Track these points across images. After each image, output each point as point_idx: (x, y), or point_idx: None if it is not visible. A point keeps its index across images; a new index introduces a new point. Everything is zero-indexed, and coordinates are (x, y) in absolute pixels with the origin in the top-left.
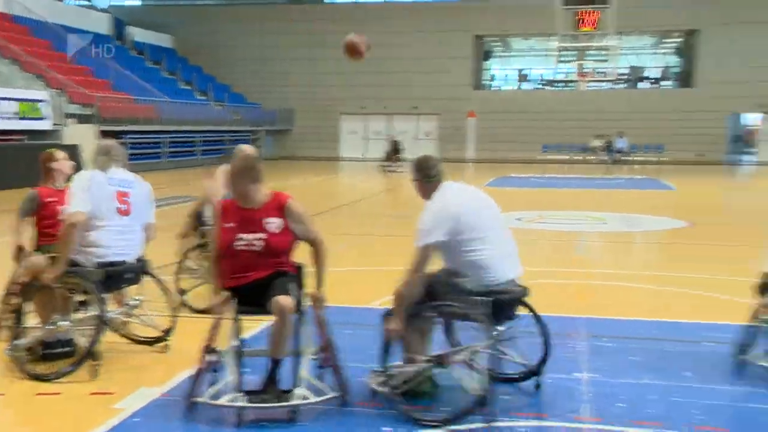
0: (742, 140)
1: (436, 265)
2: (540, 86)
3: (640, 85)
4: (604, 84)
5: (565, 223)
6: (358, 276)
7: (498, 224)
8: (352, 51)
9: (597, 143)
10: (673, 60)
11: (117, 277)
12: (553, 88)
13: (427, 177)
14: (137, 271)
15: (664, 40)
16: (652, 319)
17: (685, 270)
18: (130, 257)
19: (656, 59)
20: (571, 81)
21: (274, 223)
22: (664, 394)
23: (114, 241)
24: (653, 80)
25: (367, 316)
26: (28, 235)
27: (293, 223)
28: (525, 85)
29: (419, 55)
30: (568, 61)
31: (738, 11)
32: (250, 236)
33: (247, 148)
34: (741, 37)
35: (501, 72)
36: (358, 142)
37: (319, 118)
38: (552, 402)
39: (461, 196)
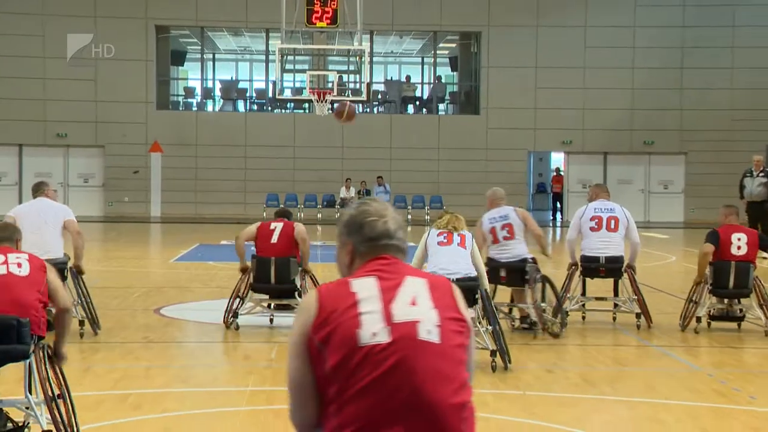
0: (550, 190)
1: None
2: (260, 106)
3: (407, 109)
4: (353, 106)
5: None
6: None
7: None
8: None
9: (347, 194)
10: (448, 74)
11: None
12: (280, 111)
13: None
14: None
15: (438, 45)
16: None
17: None
18: None
19: (427, 73)
20: (305, 100)
21: None
22: None
23: None
24: (423, 102)
25: None
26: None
27: None
28: (238, 105)
29: (64, 54)
30: (301, 71)
31: (526, 12)
32: None
33: None
34: (529, 45)
35: (200, 83)
36: None
37: None
38: None
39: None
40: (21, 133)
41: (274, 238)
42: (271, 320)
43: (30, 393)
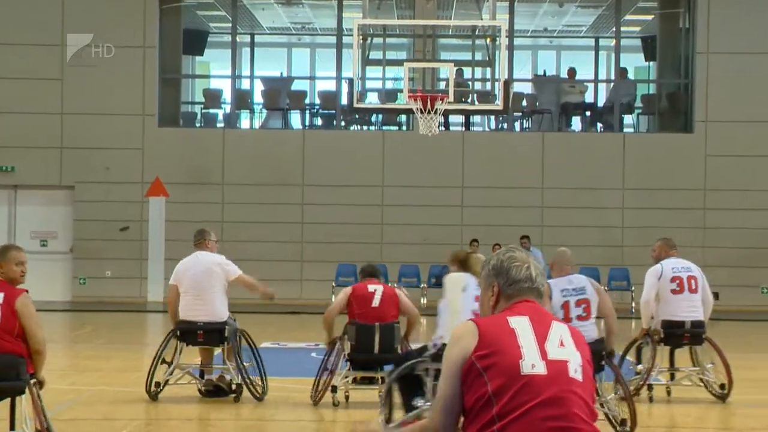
0: None
1: None
2: (327, 121)
3: (571, 123)
4: (480, 120)
5: None
6: None
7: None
8: None
9: None
10: (641, 65)
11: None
12: (360, 129)
13: None
14: None
15: (622, 18)
16: None
17: None
18: None
19: (604, 63)
20: (402, 110)
21: None
22: None
23: None
24: (597, 112)
25: None
26: None
27: None
28: (291, 118)
29: (10, 38)
30: (395, 62)
31: None
32: None
33: None
34: None
35: (230, 83)
36: None
37: None
38: None
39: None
40: None
41: (376, 302)
42: (347, 397)
43: (13, 429)
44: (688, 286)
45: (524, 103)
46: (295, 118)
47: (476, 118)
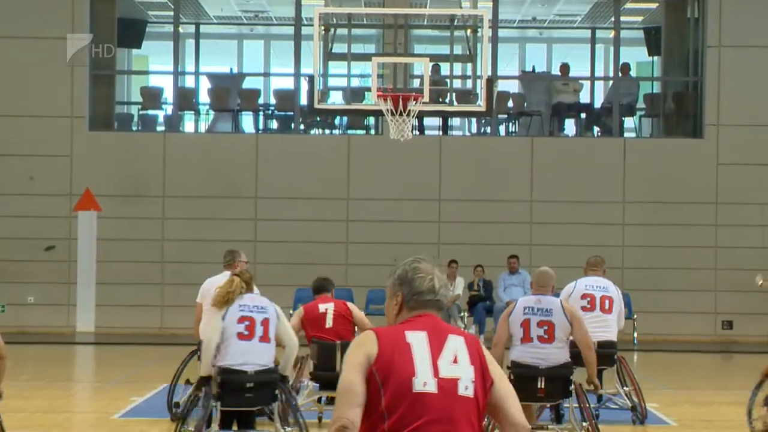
0: None
1: None
2: (284, 124)
3: (563, 126)
4: (459, 123)
5: None
6: None
7: None
8: None
9: (451, 289)
10: (643, 61)
11: None
12: (321, 133)
13: None
14: None
15: (622, 8)
16: None
17: None
18: None
19: (601, 59)
20: (369, 111)
21: None
22: None
23: None
24: (594, 114)
25: None
26: None
27: None
28: (243, 121)
29: None
30: (361, 56)
31: None
32: None
33: None
34: None
35: (172, 80)
36: None
37: None
38: None
39: None
40: None
41: (329, 322)
42: (320, 419)
43: None
44: (600, 305)
45: (510, 103)
46: (247, 121)
47: (455, 121)
